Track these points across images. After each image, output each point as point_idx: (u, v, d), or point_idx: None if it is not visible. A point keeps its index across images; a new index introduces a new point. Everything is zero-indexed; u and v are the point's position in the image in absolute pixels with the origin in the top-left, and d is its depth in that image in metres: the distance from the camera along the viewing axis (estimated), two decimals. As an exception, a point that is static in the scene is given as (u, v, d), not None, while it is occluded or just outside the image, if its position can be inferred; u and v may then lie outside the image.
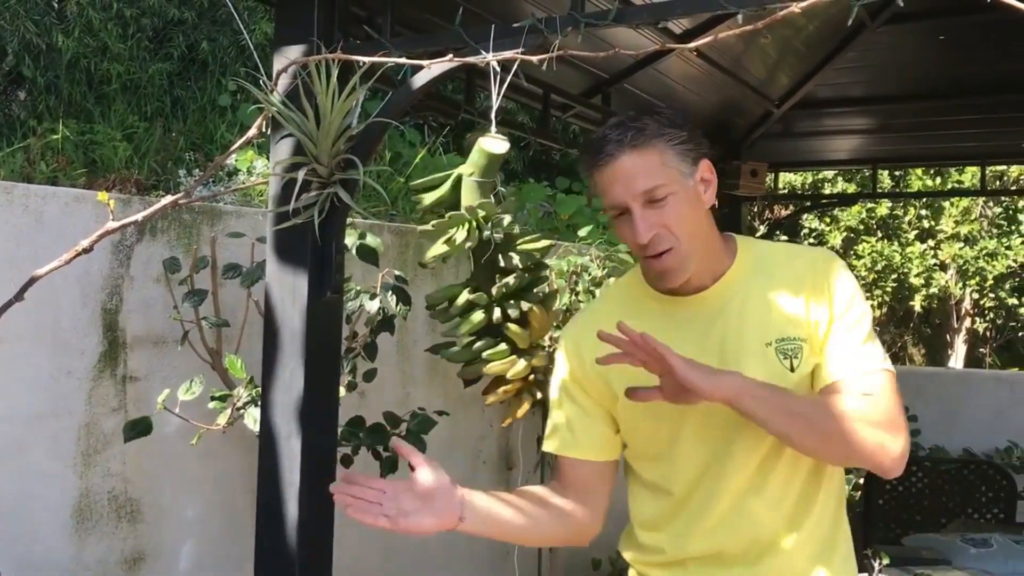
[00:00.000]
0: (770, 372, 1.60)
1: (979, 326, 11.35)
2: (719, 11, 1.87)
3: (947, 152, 6.27)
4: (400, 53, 2.14)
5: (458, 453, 4.21)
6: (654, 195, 1.58)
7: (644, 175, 1.59)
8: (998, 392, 6.20)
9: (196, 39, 6.39)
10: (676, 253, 1.60)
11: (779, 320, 1.63)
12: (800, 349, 1.61)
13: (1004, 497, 4.69)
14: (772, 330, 1.63)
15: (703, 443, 1.66)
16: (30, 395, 2.78)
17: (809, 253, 1.74)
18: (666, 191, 1.59)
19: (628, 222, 1.61)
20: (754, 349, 1.62)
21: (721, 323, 1.65)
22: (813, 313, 1.63)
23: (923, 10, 3.92)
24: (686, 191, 1.62)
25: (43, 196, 2.83)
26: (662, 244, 1.59)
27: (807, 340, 1.62)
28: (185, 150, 5.24)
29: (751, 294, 1.66)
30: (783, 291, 1.65)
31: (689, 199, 1.62)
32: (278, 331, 2.41)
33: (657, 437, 1.70)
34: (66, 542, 2.85)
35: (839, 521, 1.73)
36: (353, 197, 2.26)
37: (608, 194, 1.62)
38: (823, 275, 1.65)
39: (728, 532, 1.65)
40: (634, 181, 1.58)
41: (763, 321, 1.64)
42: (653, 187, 1.58)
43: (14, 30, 5.89)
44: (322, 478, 2.43)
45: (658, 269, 1.62)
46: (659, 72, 4.18)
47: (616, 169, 1.59)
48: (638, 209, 1.59)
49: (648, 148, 1.60)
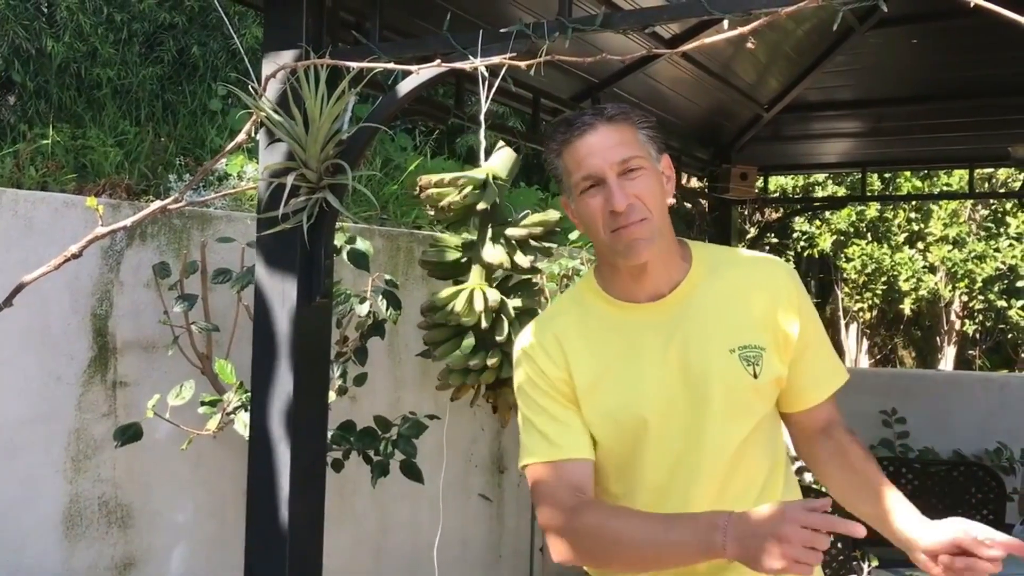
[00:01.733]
0: (735, 379, 1.61)
1: (968, 328, 11.38)
2: (706, 16, 1.88)
3: (936, 155, 6.31)
4: (389, 58, 2.15)
5: (450, 456, 4.20)
6: (630, 165, 1.60)
7: (622, 145, 1.61)
8: (988, 394, 6.21)
9: (187, 44, 6.38)
10: (649, 223, 1.60)
11: (740, 326, 1.64)
12: (761, 357, 1.62)
13: (994, 499, 4.70)
14: (734, 336, 1.63)
15: (664, 457, 1.63)
16: (19, 400, 2.78)
17: (765, 262, 1.74)
18: (640, 163, 1.61)
19: (600, 193, 1.60)
20: (717, 355, 1.62)
21: (682, 331, 1.64)
22: (777, 323, 1.64)
23: (911, 14, 3.94)
24: (655, 172, 1.64)
25: (33, 201, 2.83)
26: (636, 213, 1.59)
27: (768, 348, 1.63)
28: (175, 155, 5.23)
29: (709, 299, 1.66)
30: (742, 298, 1.66)
31: (658, 180, 1.64)
32: (268, 336, 2.41)
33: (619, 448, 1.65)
34: (56, 548, 2.85)
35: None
36: (342, 202, 2.27)
37: (583, 166, 1.61)
38: (783, 286, 1.67)
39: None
40: (612, 150, 1.60)
41: (725, 327, 1.64)
42: (630, 156, 1.60)
43: (4, 35, 5.87)
44: (312, 482, 2.44)
45: (630, 238, 1.59)
46: (649, 76, 4.20)
47: (594, 138, 1.61)
48: (614, 178, 1.59)
49: (624, 122, 1.63)
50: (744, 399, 1.62)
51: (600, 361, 1.65)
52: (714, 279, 1.68)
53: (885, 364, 12.09)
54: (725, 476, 1.62)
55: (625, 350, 1.65)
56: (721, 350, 1.62)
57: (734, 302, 1.65)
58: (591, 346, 1.67)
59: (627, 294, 1.68)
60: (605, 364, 1.65)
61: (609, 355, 1.65)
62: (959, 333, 11.41)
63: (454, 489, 4.24)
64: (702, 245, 1.75)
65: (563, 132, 1.64)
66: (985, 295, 10.67)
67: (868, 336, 11.93)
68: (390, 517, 3.85)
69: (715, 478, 1.62)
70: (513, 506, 4.57)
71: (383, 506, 3.81)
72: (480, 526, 4.42)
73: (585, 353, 1.66)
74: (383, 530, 3.86)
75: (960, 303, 11.20)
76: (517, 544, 4.57)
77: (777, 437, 1.71)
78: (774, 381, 1.64)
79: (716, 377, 1.59)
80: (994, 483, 4.74)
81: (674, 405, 1.62)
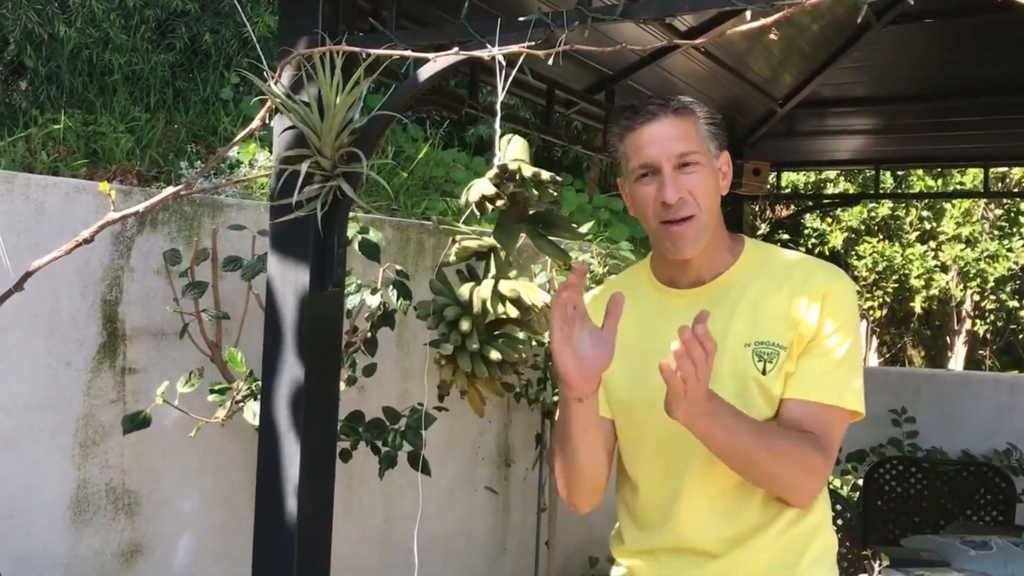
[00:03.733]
0: (739, 370, 1.62)
1: (979, 328, 11.34)
2: (727, 7, 1.85)
3: (950, 153, 6.26)
4: (405, 46, 2.13)
5: (457, 448, 4.20)
6: (687, 159, 1.63)
7: (682, 138, 1.64)
8: (997, 394, 6.18)
9: (199, 31, 6.37)
10: (697, 221, 1.63)
11: (765, 324, 1.64)
12: (777, 355, 1.62)
13: (1003, 499, 4.68)
14: (755, 331, 1.64)
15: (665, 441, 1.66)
16: (28, 386, 2.77)
17: (816, 266, 1.72)
18: (697, 159, 1.64)
19: (654, 182, 1.64)
20: (732, 349, 1.64)
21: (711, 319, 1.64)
22: (801, 324, 1.63)
23: (929, 10, 3.91)
24: (711, 168, 1.67)
25: (44, 186, 2.81)
26: (685, 209, 1.63)
27: (787, 348, 1.63)
28: (187, 142, 5.22)
29: (745, 296, 1.67)
30: (776, 296, 1.66)
31: (713, 176, 1.68)
32: (278, 325, 2.40)
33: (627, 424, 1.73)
34: (63, 534, 2.84)
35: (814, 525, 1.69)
36: (356, 191, 2.25)
37: (641, 153, 1.65)
38: (821, 289, 1.64)
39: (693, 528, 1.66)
40: (671, 142, 1.63)
41: (750, 324, 1.65)
42: (688, 151, 1.63)
43: (16, 20, 5.87)
44: (321, 472, 2.43)
45: (676, 234, 1.64)
46: (663, 69, 4.17)
47: (656, 128, 1.64)
48: (669, 170, 1.63)
49: (688, 116, 1.67)
50: (748, 393, 1.62)
51: (624, 337, 1.63)
52: (756, 275, 1.70)
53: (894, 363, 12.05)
54: (722, 467, 1.61)
55: (649, 331, 1.70)
56: (738, 343, 1.64)
57: (766, 299, 1.66)
58: (623, 321, 1.66)
59: (670, 279, 1.74)
60: (626, 341, 1.64)
61: (634, 333, 1.68)
62: (970, 333, 11.37)
63: (460, 481, 4.23)
64: (759, 245, 1.78)
65: (627, 118, 1.68)
66: (997, 295, 10.63)
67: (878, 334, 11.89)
68: (396, 508, 3.84)
69: (710, 467, 1.62)
70: (519, 499, 4.56)
71: (389, 497, 3.80)
72: (486, 519, 4.41)
73: (633, 328, 1.68)
74: (389, 521, 3.85)
75: (971, 303, 11.16)
76: (523, 537, 4.56)
77: None
78: (783, 380, 1.63)
79: (725, 369, 1.61)
80: (1004, 484, 4.72)
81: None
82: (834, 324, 1.63)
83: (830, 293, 1.64)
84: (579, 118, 4.58)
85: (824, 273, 1.69)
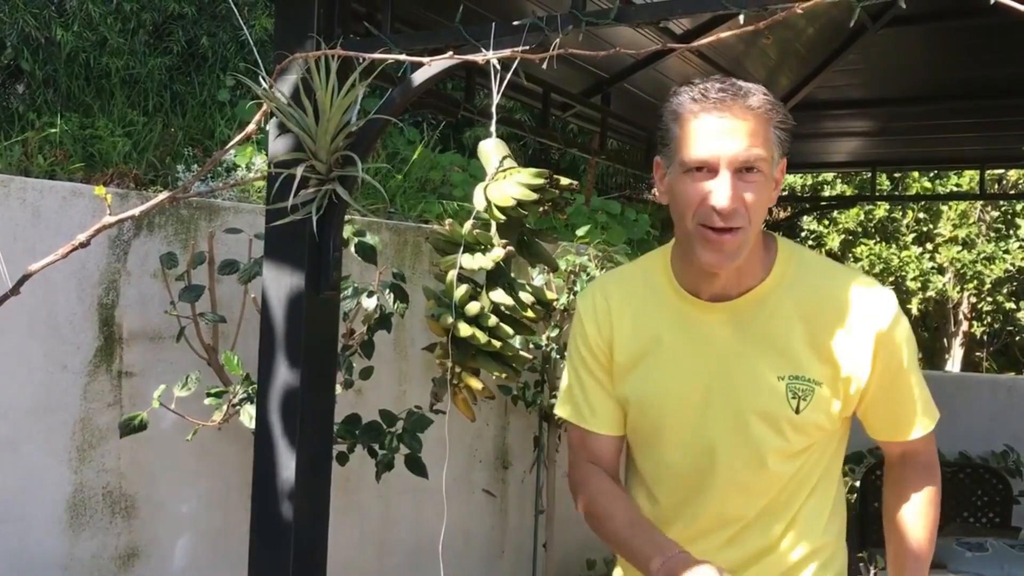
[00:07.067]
0: (771, 410, 1.52)
1: (976, 330, 11.35)
2: (721, 11, 1.86)
3: (946, 155, 6.28)
4: (400, 50, 2.13)
5: (454, 451, 4.20)
6: (752, 165, 1.43)
7: (754, 139, 1.43)
8: (995, 396, 6.19)
9: (196, 34, 6.37)
10: (742, 234, 1.45)
11: (798, 354, 1.51)
12: (811, 392, 1.50)
13: (1000, 501, 4.68)
14: (788, 363, 1.51)
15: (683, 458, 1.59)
16: (24, 389, 2.77)
17: (859, 288, 1.53)
18: (762, 167, 1.44)
19: (707, 181, 1.43)
20: (766, 380, 1.51)
21: (737, 341, 1.54)
22: (844, 359, 1.51)
23: (924, 13, 3.92)
24: (770, 178, 1.48)
25: (40, 190, 2.82)
26: (736, 219, 1.43)
27: (824, 384, 1.51)
28: (184, 145, 5.22)
29: (776, 315, 1.52)
30: (811, 321, 1.51)
31: (769, 188, 1.48)
32: (275, 328, 2.40)
33: (642, 431, 1.66)
34: (60, 537, 2.84)
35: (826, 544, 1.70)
36: (351, 194, 2.25)
37: (700, 145, 1.43)
38: (868, 320, 1.50)
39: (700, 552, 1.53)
40: (739, 142, 1.42)
41: (780, 350, 1.51)
42: (755, 157, 1.43)
43: (13, 23, 5.87)
44: (317, 475, 2.43)
45: (717, 243, 1.44)
46: (659, 72, 4.18)
47: (725, 121, 1.42)
48: (729, 174, 1.42)
49: (762, 116, 1.45)
50: (780, 433, 1.53)
51: (641, 344, 1.60)
52: (788, 293, 1.54)
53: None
54: (739, 494, 1.57)
55: (669, 341, 1.58)
56: (771, 374, 1.51)
57: (800, 324, 1.52)
58: (639, 326, 1.61)
59: (692, 287, 1.57)
60: (644, 348, 1.60)
61: (652, 341, 1.59)
62: (967, 335, 11.37)
63: (458, 484, 4.23)
64: (792, 251, 1.59)
65: (693, 99, 1.46)
66: (994, 297, 10.64)
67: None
68: (394, 511, 3.84)
69: (734, 494, 1.57)
70: (516, 502, 4.56)
71: (387, 500, 3.80)
72: (483, 521, 4.41)
73: (630, 331, 1.61)
74: (386, 524, 3.85)
75: (968, 304, 11.16)
76: (520, 539, 4.56)
77: (821, 464, 1.60)
78: (820, 419, 1.52)
79: (758, 403, 1.51)
80: (1001, 486, 4.72)
81: (695, 409, 1.56)
82: (895, 360, 1.54)
83: (880, 321, 1.51)
84: (575, 121, 4.60)
85: (871, 299, 1.53)
